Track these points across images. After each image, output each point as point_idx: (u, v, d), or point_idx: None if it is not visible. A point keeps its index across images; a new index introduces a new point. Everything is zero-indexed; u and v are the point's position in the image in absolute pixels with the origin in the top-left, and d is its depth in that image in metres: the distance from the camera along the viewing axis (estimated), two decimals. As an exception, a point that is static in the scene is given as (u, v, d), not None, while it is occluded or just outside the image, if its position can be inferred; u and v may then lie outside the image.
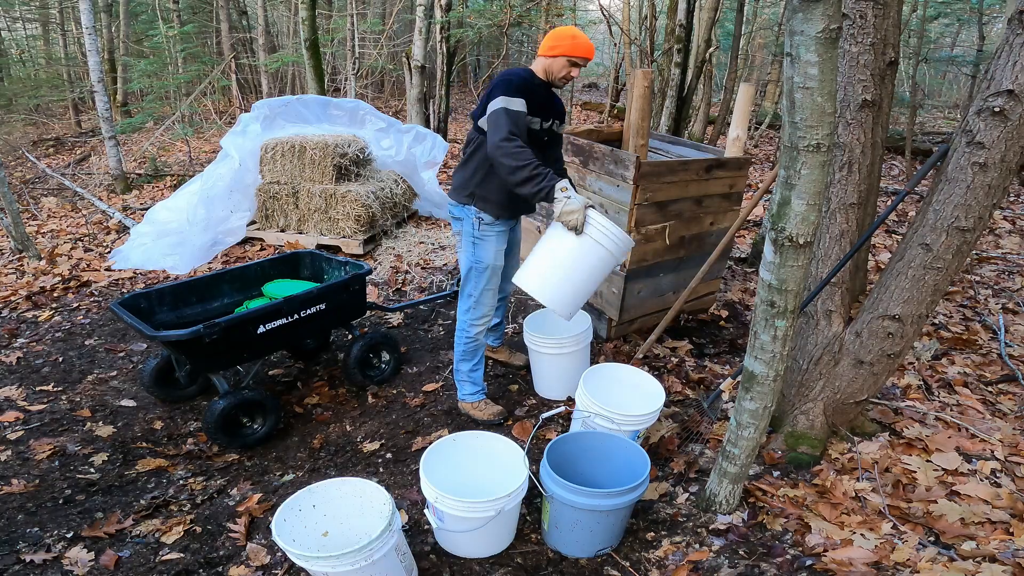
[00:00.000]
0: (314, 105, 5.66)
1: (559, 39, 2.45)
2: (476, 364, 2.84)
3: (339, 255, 4.54)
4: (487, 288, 2.72)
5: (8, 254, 4.82)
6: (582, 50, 2.45)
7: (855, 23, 2.30)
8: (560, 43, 2.45)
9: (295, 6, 10.64)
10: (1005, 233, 5.70)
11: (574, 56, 2.45)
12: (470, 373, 2.84)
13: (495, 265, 2.69)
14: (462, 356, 2.82)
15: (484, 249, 2.64)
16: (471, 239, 2.64)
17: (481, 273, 2.68)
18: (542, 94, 2.52)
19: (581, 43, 2.45)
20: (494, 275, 2.71)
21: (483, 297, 2.73)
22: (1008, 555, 1.92)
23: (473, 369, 2.84)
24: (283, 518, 1.78)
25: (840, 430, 2.54)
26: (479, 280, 2.69)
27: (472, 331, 2.77)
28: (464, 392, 2.87)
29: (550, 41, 2.47)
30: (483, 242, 2.63)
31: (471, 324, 2.76)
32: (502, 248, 2.70)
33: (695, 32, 7.15)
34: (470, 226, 2.63)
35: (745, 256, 4.89)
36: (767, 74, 12.20)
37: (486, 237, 2.63)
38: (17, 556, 2.04)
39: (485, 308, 2.74)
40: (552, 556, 2.06)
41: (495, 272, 2.71)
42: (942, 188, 2.03)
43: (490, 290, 2.73)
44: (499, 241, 2.66)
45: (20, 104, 11.57)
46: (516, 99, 2.34)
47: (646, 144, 3.12)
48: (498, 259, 2.69)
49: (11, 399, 2.95)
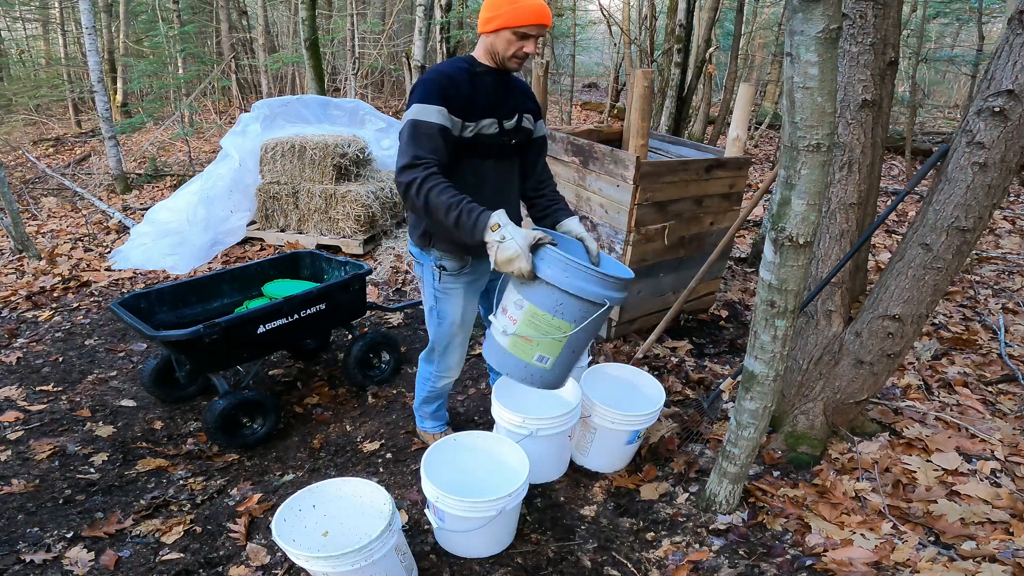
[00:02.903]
0: (314, 105, 5.66)
1: (496, 7, 1.80)
2: (439, 405, 2.55)
3: (339, 255, 4.54)
4: (456, 346, 2.26)
5: (8, 254, 4.82)
6: (527, 15, 1.77)
7: (855, 23, 2.30)
8: (498, 12, 1.80)
9: (295, 6, 10.64)
10: (1005, 233, 5.70)
11: (519, 26, 1.79)
12: (434, 413, 2.57)
13: (463, 322, 2.20)
14: (424, 401, 2.50)
15: (448, 305, 2.14)
16: (432, 292, 2.13)
17: (445, 331, 2.20)
18: (488, 85, 1.90)
19: (524, 6, 1.77)
20: (461, 330, 2.22)
21: (449, 351, 2.27)
22: (1008, 555, 1.92)
23: (436, 409, 2.56)
24: (283, 518, 1.78)
25: (840, 430, 2.54)
26: (443, 336, 2.22)
27: (438, 384, 2.38)
28: (424, 425, 2.62)
29: (486, 11, 1.83)
30: (446, 297, 2.12)
31: (437, 376, 2.35)
32: (472, 302, 2.19)
33: (695, 32, 7.15)
34: (430, 276, 2.10)
35: (745, 256, 4.89)
36: (767, 74, 12.21)
37: (449, 292, 2.10)
38: (17, 556, 2.04)
39: (452, 362, 2.31)
40: (552, 556, 2.06)
41: (463, 328, 2.22)
42: (942, 188, 2.03)
43: (459, 348, 2.27)
44: (467, 294, 2.14)
45: (20, 104, 11.57)
46: (431, 106, 1.77)
47: (646, 144, 3.12)
48: (467, 315, 2.19)
49: (11, 399, 2.95)
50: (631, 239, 3.15)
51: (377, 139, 5.62)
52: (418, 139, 1.76)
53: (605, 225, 3.27)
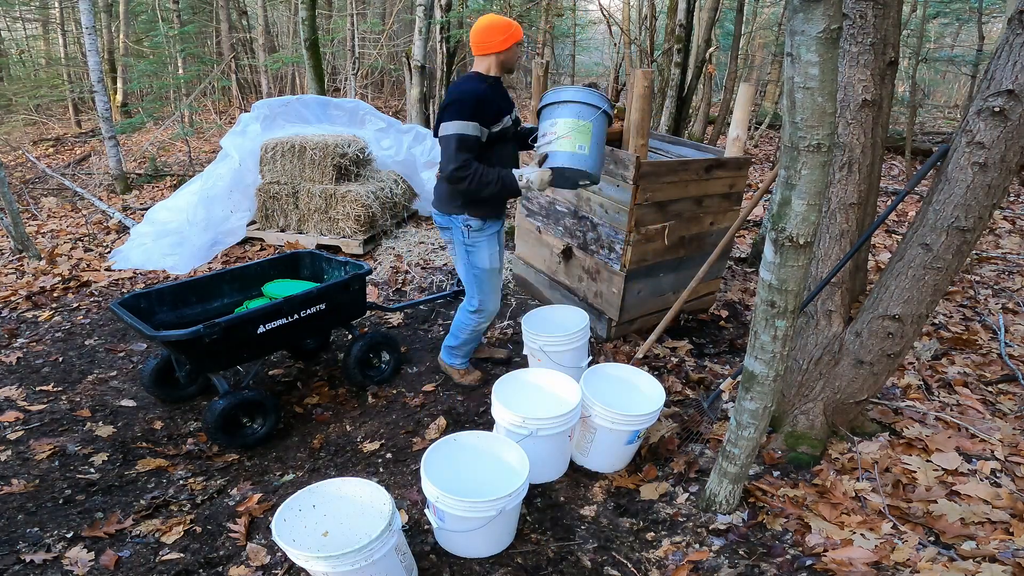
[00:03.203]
0: (314, 105, 5.66)
1: (504, 30, 2.49)
2: (471, 348, 3.05)
3: (339, 255, 4.54)
4: (491, 291, 2.80)
5: (8, 254, 4.82)
6: (520, 29, 2.56)
7: (855, 23, 2.30)
8: (507, 32, 2.50)
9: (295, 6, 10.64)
10: (1005, 233, 5.70)
11: (520, 38, 2.56)
12: (462, 349, 3.03)
13: (492, 268, 2.75)
14: (461, 342, 2.98)
15: (478, 255, 2.71)
16: (463, 247, 2.71)
17: (482, 279, 2.75)
18: (499, 92, 2.59)
19: (516, 24, 2.55)
20: (493, 276, 2.78)
21: (488, 299, 2.82)
22: (1008, 555, 1.92)
23: (468, 351, 3.06)
24: (283, 518, 1.78)
25: (840, 430, 2.54)
26: (482, 285, 2.77)
27: (479, 327, 2.92)
28: (451, 360, 3.08)
29: (498, 35, 2.49)
30: (476, 248, 2.70)
31: (478, 322, 2.89)
32: (496, 250, 2.75)
33: (695, 32, 7.15)
34: (460, 235, 2.69)
35: (745, 256, 4.89)
36: (767, 74, 12.21)
37: (477, 243, 2.69)
38: (17, 556, 2.04)
39: (491, 307, 2.85)
40: (552, 556, 2.06)
41: (494, 274, 2.77)
42: (942, 188, 2.03)
43: (494, 292, 2.82)
44: (491, 244, 2.72)
45: (20, 104, 11.57)
46: (470, 123, 2.41)
47: (646, 144, 3.12)
48: (494, 261, 2.75)
49: (11, 399, 2.95)
50: (631, 239, 3.15)
51: (377, 139, 5.62)
52: (467, 145, 2.42)
53: (605, 225, 3.27)
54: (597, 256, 3.38)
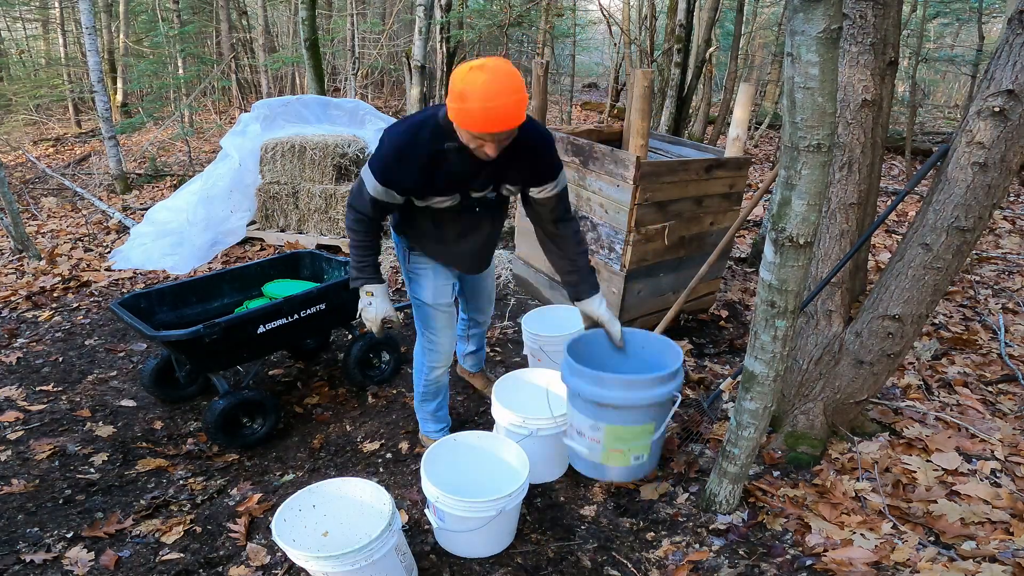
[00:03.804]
0: (314, 105, 5.66)
1: (451, 95, 1.63)
2: (439, 403, 2.52)
3: (339, 255, 4.54)
4: (438, 328, 2.28)
5: (8, 254, 4.82)
6: (474, 122, 1.60)
7: (855, 23, 2.30)
8: (451, 104, 1.63)
9: (295, 6, 10.64)
10: (1005, 233, 5.70)
11: (471, 130, 1.63)
12: (434, 413, 2.54)
13: (435, 304, 2.24)
14: (422, 398, 2.50)
15: (419, 285, 2.23)
16: (406, 273, 2.26)
17: (423, 311, 2.27)
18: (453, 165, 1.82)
19: (472, 110, 1.57)
20: (440, 314, 2.26)
21: (437, 338, 2.30)
22: (1008, 555, 1.92)
23: (437, 409, 2.53)
24: (283, 518, 1.78)
25: (840, 430, 2.54)
26: (426, 319, 2.29)
27: (431, 375, 2.40)
28: (427, 429, 2.60)
29: (449, 94, 1.65)
30: (417, 277, 2.22)
31: (429, 367, 2.38)
32: (444, 285, 2.24)
33: (695, 32, 7.15)
34: (402, 256, 2.24)
35: (745, 256, 4.89)
36: (767, 74, 12.21)
37: (419, 272, 2.21)
38: (17, 556, 2.04)
39: (442, 350, 2.33)
40: (552, 556, 2.06)
41: (440, 311, 2.26)
42: (942, 188, 2.03)
43: (442, 329, 2.29)
44: (436, 277, 2.21)
45: (20, 104, 11.57)
46: (375, 182, 1.86)
47: (646, 144, 3.12)
48: (439, 298, 2.23)
49: (11, 399, 2.95)
50: (631, 239, 3.15)
51: (377, 139, 5.61)
52: (360, 196, 1.95)
53: (605, 225, 3.28)
54: (597, 256, 3.38)
